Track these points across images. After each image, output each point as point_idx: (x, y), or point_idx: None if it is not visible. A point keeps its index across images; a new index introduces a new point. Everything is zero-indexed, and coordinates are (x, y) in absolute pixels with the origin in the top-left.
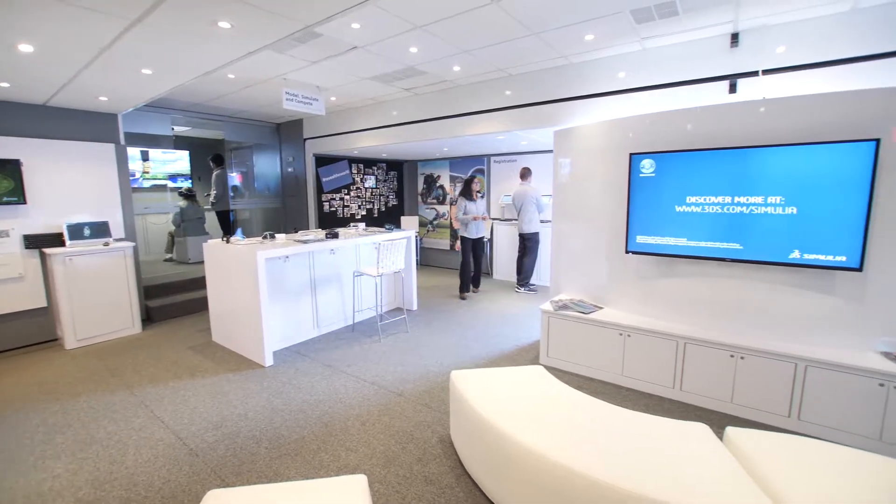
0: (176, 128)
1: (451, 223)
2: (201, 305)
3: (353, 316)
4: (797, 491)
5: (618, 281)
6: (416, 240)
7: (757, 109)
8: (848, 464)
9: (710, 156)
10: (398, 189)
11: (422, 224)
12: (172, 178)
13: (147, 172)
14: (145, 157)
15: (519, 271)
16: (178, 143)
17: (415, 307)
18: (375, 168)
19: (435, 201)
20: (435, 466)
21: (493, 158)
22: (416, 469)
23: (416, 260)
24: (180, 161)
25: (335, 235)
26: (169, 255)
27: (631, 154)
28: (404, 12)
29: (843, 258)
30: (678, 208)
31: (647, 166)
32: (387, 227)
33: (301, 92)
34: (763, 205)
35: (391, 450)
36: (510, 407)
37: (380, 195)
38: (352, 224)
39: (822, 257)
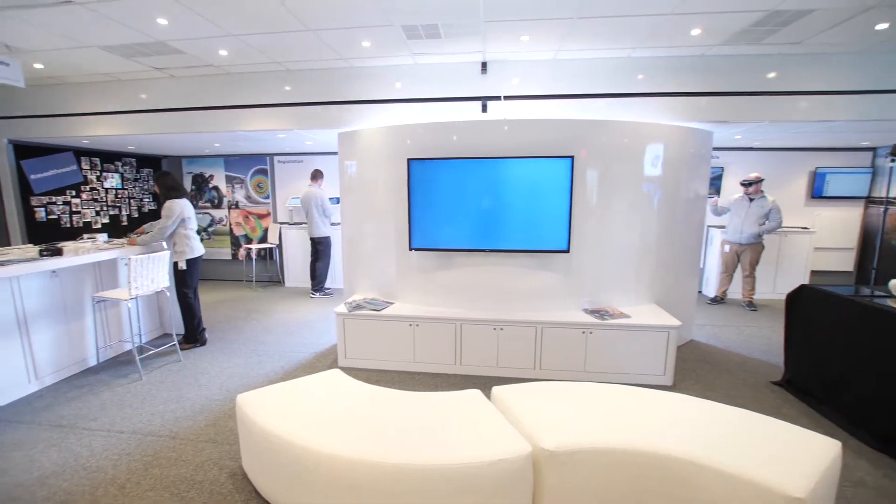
0: None
1: (230, 230)
2: None
3: (98, 354)
4: (539, 421)
5: (405, 276)
6: None
7: (502, 128)
8: (570, 392)
9: (471, 163)
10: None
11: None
12: None
13: None
14: None
15: (313, 276)
16: None
17: None
18: (120, 164)
19: (209, 205)
20: None
21: (277, 158)
22: None
23: None
24: None
25: (56, 252)
26: None
27: (409, 159)
28: None
29: (560, 244)
30: (450, 208)
31: (423, 171)
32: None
33: None
34: (509, 203)
35: None
36: (304, 417)
37: (129, 198)
38: (86, 236)
39: (548, 244)
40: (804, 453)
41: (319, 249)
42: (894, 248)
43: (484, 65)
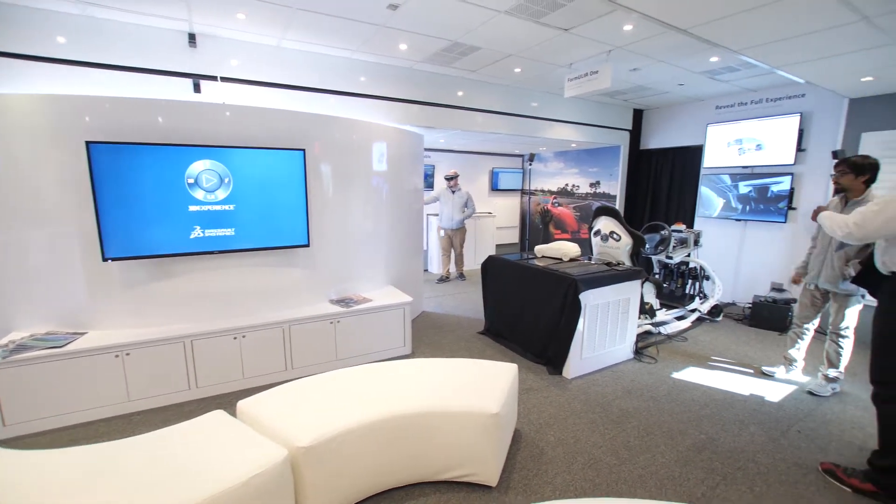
0: None
1: None
2: None
3: None
4: (293, 421)
5: (103, 295)
6: None
7: (223, 112)
8: (323, 383)
9: (186, 151)
10: None
11: None
12: None
13: None
14: None
15: None
16: None
17: None
18: None
19: None
20: None
21: None
22: None
23: None
24: None
25: None
26: None
27: (88, 142)
28: None
29: (299, 239)
30: (164, 204)
31: (118, 159)
32: None
33: None
34: (242, 199)
35: None
36: None
37: None
38: None
39: (288, 240)
40: (497, 379)
41: None
42: (536, 225)
43: (192, 36)
